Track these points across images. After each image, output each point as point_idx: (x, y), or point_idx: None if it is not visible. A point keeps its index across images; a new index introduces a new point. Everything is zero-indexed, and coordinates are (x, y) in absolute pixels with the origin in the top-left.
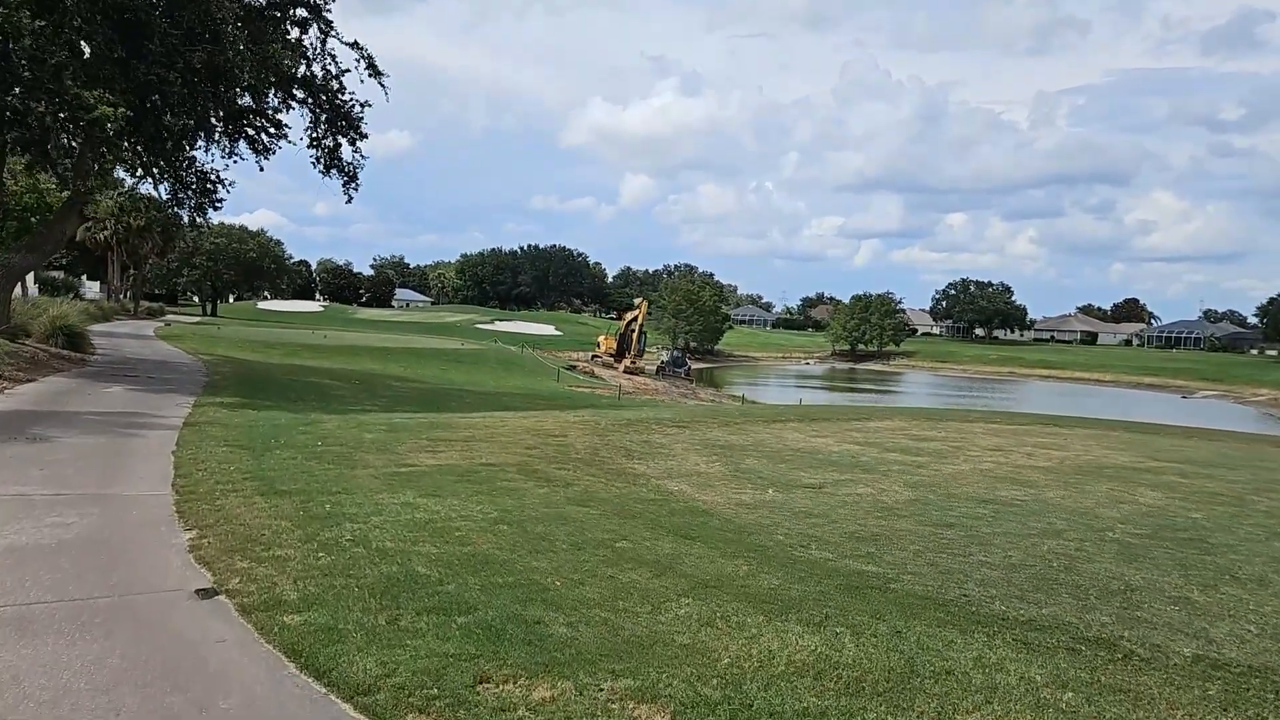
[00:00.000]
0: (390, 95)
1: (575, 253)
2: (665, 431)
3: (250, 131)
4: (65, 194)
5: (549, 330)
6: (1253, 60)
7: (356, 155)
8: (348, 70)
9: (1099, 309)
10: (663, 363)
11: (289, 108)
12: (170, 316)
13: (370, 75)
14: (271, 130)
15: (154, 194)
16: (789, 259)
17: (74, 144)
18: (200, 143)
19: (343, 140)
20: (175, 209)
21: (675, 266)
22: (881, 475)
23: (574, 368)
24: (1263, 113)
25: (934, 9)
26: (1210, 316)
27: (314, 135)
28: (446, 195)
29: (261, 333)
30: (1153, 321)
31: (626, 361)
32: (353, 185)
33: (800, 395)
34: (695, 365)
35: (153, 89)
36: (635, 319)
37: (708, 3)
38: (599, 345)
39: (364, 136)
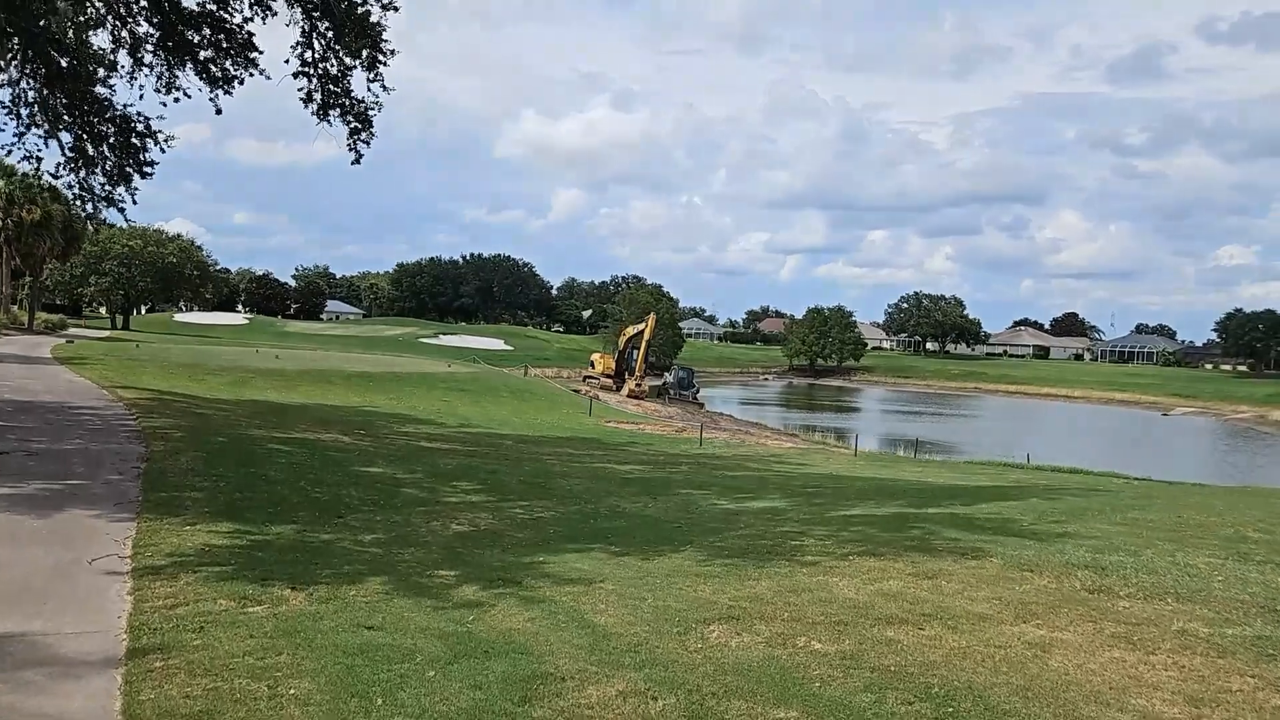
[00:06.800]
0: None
1: (521, 263)
2: None
3: (203, 53)
4: None
5: (498, 344)
6: (1156, 88)
7: (376, 85)
8: None
9: (1034, 322)
10: (666, 384)
11: (268, 11)
12: (74, 331)
13: None
14: (235, 51)
15: (49, 162)
16: (716, 272)
17: None
18: (121, 65)
19: (353, 63)
20: (84, 173)
21: (623, 278)
22: None
23: (577, 393)
24: (1165, 138)
25: (862, 32)
26: (1142, 330)
27: (306, 57)
28: (372, 205)
29: (192, 352)
30: (1095, 336)
31: (631, 384)
32: (363, 135)
33: (830, 420)
34: (655, 383)
35: None
36: (640, 335)
37: (641, 20)
38: (593, 365)
39: (385, 59)
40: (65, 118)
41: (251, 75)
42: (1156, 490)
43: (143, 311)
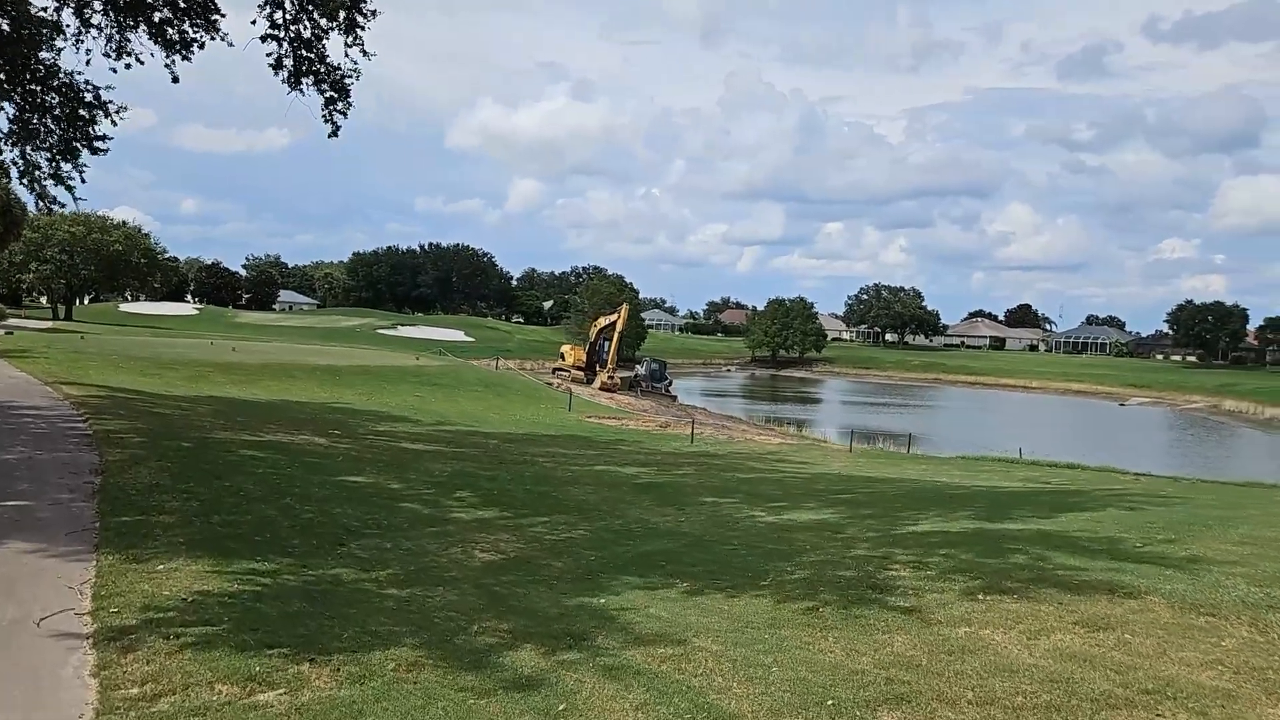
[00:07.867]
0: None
1: (480, 252)
2: None
3: (158, 14)
4: None
5: (459, 335)
6: (1103, 85)
7: (356, 49)
8: None
9: (989, 313)
10: (639, 376)
11: None
12: (13, 322)
13: None
14: (194, 11)
15: None
16: (674, 264)
17: None
18: (66, 27)
19: (329, 25)
20: (27, 147)
21: (584, 269)
22: None
23: (550, 385)
24: (1111, 133)
25: (819, 26)
26: (1093, 321)
27: (276, 18)
28: (326, 194)
29: (141, 344)
30: (1048, 327)
31: (603, 377)
32: (339, 105)
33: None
34: (625, 374)
35: None
36: (612, 326)
37: (602, 10)
38: (563, 357)
39: (365, 21)
40: (5, 85)
41: (213, 39)
42: (1191, 490)
43: (85, 301)
